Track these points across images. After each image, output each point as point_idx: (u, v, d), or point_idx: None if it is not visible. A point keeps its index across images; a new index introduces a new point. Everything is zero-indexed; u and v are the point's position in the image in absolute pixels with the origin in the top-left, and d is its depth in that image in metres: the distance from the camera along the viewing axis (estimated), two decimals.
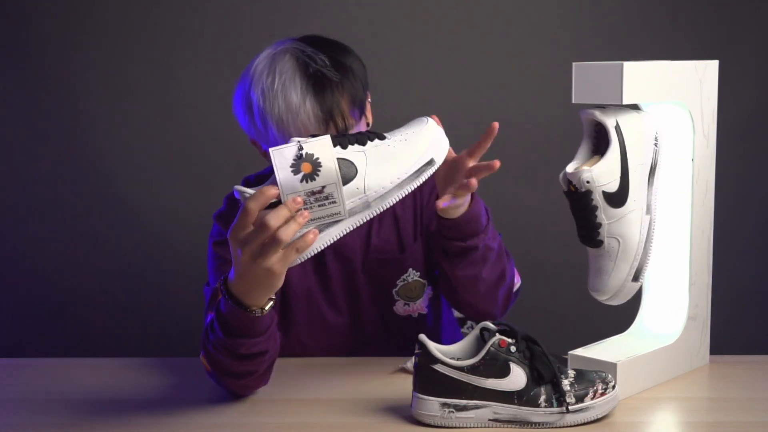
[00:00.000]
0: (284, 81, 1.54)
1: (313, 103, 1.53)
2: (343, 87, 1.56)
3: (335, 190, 1.23)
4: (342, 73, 1.57)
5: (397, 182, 1.26)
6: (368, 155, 1.25)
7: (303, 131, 1.53)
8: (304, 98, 1.53)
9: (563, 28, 2.72)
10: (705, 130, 1.54)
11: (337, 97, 1.55)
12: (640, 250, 1.41)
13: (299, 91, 1.53)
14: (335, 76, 1.56)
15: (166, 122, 2.75)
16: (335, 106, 1.54)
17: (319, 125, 1.54)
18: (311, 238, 1.23)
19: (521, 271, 2.16)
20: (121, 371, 1.62)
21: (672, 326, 1.57)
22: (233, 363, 1.40)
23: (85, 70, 2.72)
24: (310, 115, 1.53)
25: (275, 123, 1.54)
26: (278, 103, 1.53)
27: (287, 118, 1.53)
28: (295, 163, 1.21)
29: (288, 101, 1.53)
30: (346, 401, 1.45)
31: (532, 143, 2.75)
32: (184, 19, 2.71)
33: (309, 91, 1.53)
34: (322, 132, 1.53)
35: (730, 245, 2.49)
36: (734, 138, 2.67)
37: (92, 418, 1.40)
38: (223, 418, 1.39)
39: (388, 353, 1.70)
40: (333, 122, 1.54)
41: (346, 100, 1.56)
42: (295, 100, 1.53)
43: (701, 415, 1.41)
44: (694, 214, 1.54)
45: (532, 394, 1.32)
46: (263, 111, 1.55)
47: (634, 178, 1.40)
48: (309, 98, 1.53)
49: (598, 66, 1.39)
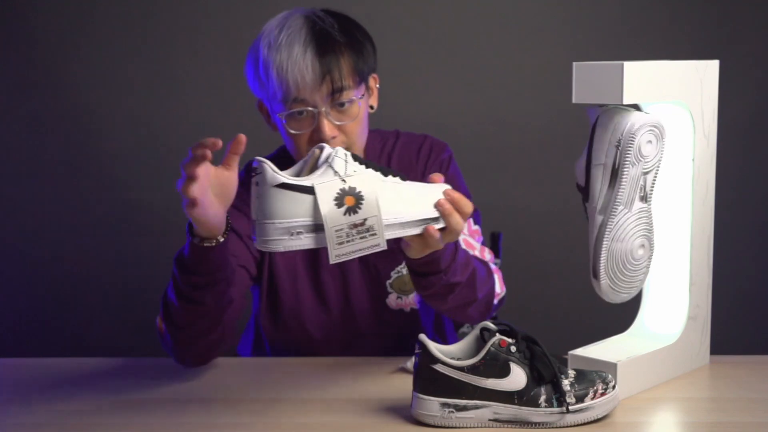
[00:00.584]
0: (290, 33, 1.59)
1: (313, 56, 1.57)
2: (345, 49, 1.60)
3: (376, 223, 1.27)
4: (347, 38, 1.62)
5: (400, 221, 1.31)
6: (385, 186, 1.30)
7: (300, 82, 1.57)
8: (305, 49, 1.57)
9: (563, 28, 2.72)
10: (705, 130, 1.54)
11: (338, 56, 1.59)
12: (591, 248, 1.42)
13: (302, 43, 1.57)
14: (340, 37, 1.60)
15: (167, 122, 2.75)
16: (334, 64, 1.58)
17: (316, 78, 1.56)
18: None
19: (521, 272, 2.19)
20: (121, 371, 1.62)
21: (672, 326, 1.57)
22: (184, 306, 1.48)
23: (86, 70, 2.72)
24: (308, 67, 1.56)
25: (276, 71, 1.58)
26: (282, 52, 1.57)
27: (287, 67, 1.56)
28: (339, 196, 1.26)
29: (290, 50, 1.57)
30: (346, 401, 1.45)
31: (532, 143, 2.76)
32: (185, 19, 2.71)
33: (311, 44, 1.58)
34: (317, 90, 1.57)
35: (730, 245, 2.49)
36: (734, 138, 2.67)
37: (92, 418, 1.40)
38: (223, 418, 1.39)
39: (382, 348, 1.71)
40: (330, 78, 1.57)
41: (346, 62, 1.59)
42: (296, 50, 1.57)
43: (701, 415, 1.41)
44: (694, 214, 1.54)
45: (532, 394, 1.32)
46: (267, 60, 1.59)
47: (593, 177, 1.42)
48: (310, 50, 1.57)
49: (598, 66, 1.39)
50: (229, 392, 1.51)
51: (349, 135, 1.63)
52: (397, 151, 1.77)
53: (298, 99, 1.58)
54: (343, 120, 1.61)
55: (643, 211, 1.42)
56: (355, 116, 1.62)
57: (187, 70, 2.73)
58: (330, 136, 1.59)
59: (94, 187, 2.78)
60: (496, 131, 2.74)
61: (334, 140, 1.60)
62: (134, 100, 2.74)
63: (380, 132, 1.80)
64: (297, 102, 1.58)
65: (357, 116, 1.62)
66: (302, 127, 1.61)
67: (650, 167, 1.41)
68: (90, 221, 2.79)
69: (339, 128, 1.61)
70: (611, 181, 1.40)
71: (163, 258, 2.80)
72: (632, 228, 1.42)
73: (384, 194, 1.29)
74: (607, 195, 1.41)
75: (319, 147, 1.30)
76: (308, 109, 1.59)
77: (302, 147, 1.62)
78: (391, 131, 1.82)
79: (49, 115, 2.74)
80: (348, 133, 1.62)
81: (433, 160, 1.76)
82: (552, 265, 2.78)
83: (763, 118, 2.77)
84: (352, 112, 1.62)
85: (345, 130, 1.62)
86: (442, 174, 1.48)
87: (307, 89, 1.57)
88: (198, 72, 2.72)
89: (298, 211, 1.26)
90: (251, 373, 1.61)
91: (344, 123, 1.61)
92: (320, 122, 1.59)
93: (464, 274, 1.54)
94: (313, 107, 1.58)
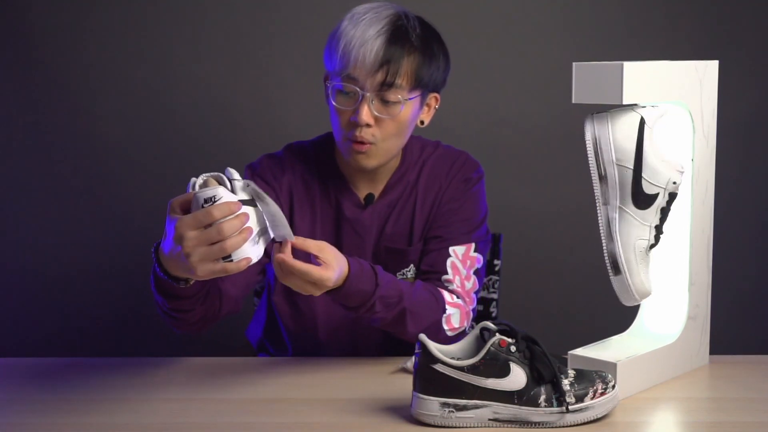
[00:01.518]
0: (374, 17, 1.62)
1: (382, 43, 1.59)
2: (414, 51, 1.63)
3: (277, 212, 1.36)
4: (422, 44, 1.64)
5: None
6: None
7: (359, 61, 1.59)
8: (378, 35, 1.60)
9: (563, 28, 2.72)
10: (705, 130, 1.54)
11: (404, 53, 1.61)
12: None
13: (379, 29, 1.61)
14: (415, 40, 1.63)
15: (167, 122, 2.75)
16: (397, 58, 1.61)
17: (375, 63, 1.59)
18: (244, 264, 1.31)
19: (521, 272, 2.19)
20: (121, 371, 1.62)
21: (672, 326, 1.57)
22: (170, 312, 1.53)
23: (86, 70, 2.72)
24: (373, 50, 1.59)
25: (344, 42, 1.61)
26: (358, 28, 1.61)
27: (356, 42, 1.59)
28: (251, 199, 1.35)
29: (366, 30, 1.60)
30: (346, 401, 1.45)
31: (532, 143, 2.75)
32: (185, 19, 2.71)
33: (386, 33, 1.61)
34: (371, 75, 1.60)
35: (730, 245, 2.49)
36: (734, 138, 2.67)
37: (92, 418, 1.40)
38: (223, 418, 1.39)
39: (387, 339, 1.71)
40: (387, 69, 1.60)
41: (410, 63, 1.62)
42: (371, 32, 1.60)
43: (701, 415, 1.41)
44: (694, 214, 1.54)
45: (532, 393, 1.32)
46: (343, 30, 1.62)
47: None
48: (382, 37, 1.60)
49: (598, 66, 1.39)
50: (230, 392, 1.51)
51: (383, 131, 1.64)
52: (431, 162, 1.77)
53: (351, 76, 1.61)
54: (383, 114, 1.62)
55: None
56: (396, 116, 1.63)
57: (187, 69, 2.72)
58: (364, 122, 1.61)
59: (94, 186, 2.77)
60: (496, 131, 2.74)
61: (368, 130, 1.62)
62: (134, 100, 2.74)
63: (422, 139, 1.81)
64: (350, 79, 1.61)
65: (398, 118, 1.63)
66: (346, 105, 1.63)
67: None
68: (90, 221, 2.79)
69: (376, 121, 1.62)
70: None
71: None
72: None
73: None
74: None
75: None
76: (356, 89, 1.61)
77: (340, 125, 1.65)
78: (433, 141, 1.82)
79: (48, 115, 2.74)
80: (383, 129, 1.64)
81: (459, 177, 1.76)
82: (552, 265, 2.78)
83: (762, 118, 2.77)
84: (394, 112, 1.63)
85: (381, 126, 1.63)
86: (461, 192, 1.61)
87: (363, 70, 1.59)
88: (198, 72, 2.72)
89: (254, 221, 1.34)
90: (251, 373, 1.61)
91: (384, 117, 1.62)
92: (361, 105, 1.61)
93: (389, 312, 1.57)
94: (361, 89, 1.60)
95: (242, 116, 2.74)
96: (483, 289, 2.02)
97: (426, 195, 1.75)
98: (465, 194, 1.76)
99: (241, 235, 1.29)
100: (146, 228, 2.80)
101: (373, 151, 1.65)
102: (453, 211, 1.74)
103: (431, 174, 1.76)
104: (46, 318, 2.82)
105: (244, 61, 2.73)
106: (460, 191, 1.75)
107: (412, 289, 1.61)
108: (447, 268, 1.71)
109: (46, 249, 2.80)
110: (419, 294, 1.62)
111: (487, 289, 2.04)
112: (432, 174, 1.76)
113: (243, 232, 1.30)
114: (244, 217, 1.30)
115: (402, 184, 1.75)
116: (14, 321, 2.82)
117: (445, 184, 1.76)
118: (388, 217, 1.74)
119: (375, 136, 1.63)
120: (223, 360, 1.68)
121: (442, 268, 1.71)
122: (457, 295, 1.70)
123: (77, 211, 2.79)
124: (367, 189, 1.75)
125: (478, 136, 2.70)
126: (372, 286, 1.53)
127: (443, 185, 1.76)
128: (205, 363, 1.67)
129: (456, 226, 1.73)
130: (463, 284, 1.71)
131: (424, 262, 1.73)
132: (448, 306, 1.67)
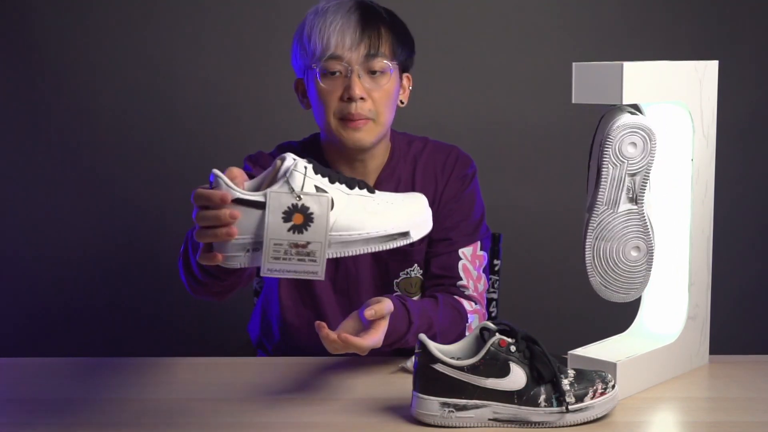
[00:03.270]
0: (339, 4, 1.66)
1: (357, 20, 1.64)
2: (387, 27, 1.67)
3: (319, 249, 1.21)
4: (392, 22, 1.69)
5: (365, 236, 1.25)
6: (350, 200, 1.24)
7: (339, 40, 1.62)
8: (350, 15, 1.64)
9: (563, 28, 2.72)
10: (705, 130, 1.54)
11: (379, 27, 1.66)
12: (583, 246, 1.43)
13: (348, 9, 1.65)
14: (386, 16, 1.68)
15: (168, 121, 2.75)
16: (374, 30, 1.65)
17: (355, 38, 1.63)
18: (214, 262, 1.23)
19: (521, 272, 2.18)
20: (121, 371, 1.62)
21: (672, 326, 1.57)
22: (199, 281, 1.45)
23: (86, 70, 2.72)
24: (350, 27, 1.63)
25: (319, 29, 1.64)
26: (327, 16, 1.64)
27: (330, 26, 1.63)
28: (288, 211, 1.21)
29: (336, 14, 1.64)
30: (346, 401, 1.45)
31: (532, 143, 2.76)
32: (186, 19, 2.71)
33: (357, 12, 1.65)
34: (354, 49, 1.62)
35: (730, 245, 2.49)
36: (734, 138, 2.67)
37: (92, 418, 1.40)
38: (223, 418, 1.39)
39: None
40: (369, 41, 1.64)
41: (386, 36, 1.67)
42: (341, 14, 1.64)
43: (701, 415, 1.41)
44: (694, 214, 1.54)
45: (532, 393, 1.32)
46: (312, 23, 1.66)
47: (589, 176, 1.44)
48: (355, 16, 1.64)
49: (598, 66, 1.39)
50: (230, 392, 1.51)
51: (377, 104, 1.66)
52: (423, 158, 1.78)
53: (334, 55, 1.63)
54: (373, 86, 1.65)
55: (632, 213, 1.42)
56: (385, 86, 1.66)
57: (187, 69, 2.73)
58: (359, 96, 1.63)
59: (94, 186, 2.77)
60: (496, 131, 2.74)
61: (363, 104, 1.63)
62: (135, 100, 2.74)
63: (407, 135, 1.82)
64: (333, 59, 1.63)
65: (387, 88, 1.66)
66: (335, 85, 1.65)
67: (637, 170, 1.41)
68: (90, 221, 2.79)
69: (368, 93, 1.65)
70: (596, 181, 1.42)
71: (163, 258, 2.81)
72: (620, 228, 1.42)
73: (347, 208, 1.24)
74: (593, 194, 1.42)
75: (281, 158, 1.24)
76: (343, 64, 1.63)
77: (332, 106, 1.65)
78: (420, 137, 1.83)
79: (49, 114, 2.74)
80: (376, 101, 1.66)
81: (456, 174, 1.77)
82: (552, 265, 2.78)
83: (762, 118, 2.77)
84: (383, 82, 1.66)
85: (373, 98, 1.65)
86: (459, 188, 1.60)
87: (345, 47, 1.62)
88: (199, 72, 2.72)
89: (251, 227, 1.21)
90: (252, 373, 1.61)
91: (374, 89, 1.65)
92: (352, 80, 1.63)
93: (428, 329, 1.60)
94: (347, 65, 1.63)
95: (242, 116, 2.74)
96: None
97: (423, 192, 1.74)
98: (463, 192, 1.76)
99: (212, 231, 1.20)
100: (147, 228, 2.80)
101: (370, 126, 1.66)
102: (455, 210, 1.75)
103: (426, 170, 1.77)
104: (46, 318, 2.83)
105: (244, 61, 2.73)
106: (459, 190, 1.76)
107: (438, 313, 1.63)
108: (460, 272, 1.73)
109: (46, 249, 2.80)
110: (445, 314, 1.65)
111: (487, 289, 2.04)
112: (427, 170, 1.77)
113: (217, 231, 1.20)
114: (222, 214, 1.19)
115: (394, 179, 1.75)
116: (14, 321, 2.82)
117: (443, 182, 1.76)
118: None
119: (371, 111, 1.65)
120: (223, 360, 1.68)
121: (456, 273, 1.73)
122: (474, 301, 1.73)
123: (77, 211, 2.79)
124: None
125: (478, 136, 2.70)
126: (406, 325, 1.56)
127: (440, 182, 1.76)
128: (205, 363, 1.67)
129: (461, 227, 1.74)
130: (476, 287, 1.74)
131: (435, 265, 1.74)
132: (470, 314, 1.70)
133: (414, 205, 1.30)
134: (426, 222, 1.31)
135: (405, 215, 1.28)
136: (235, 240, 1.21)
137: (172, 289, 2.80)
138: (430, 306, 1.64)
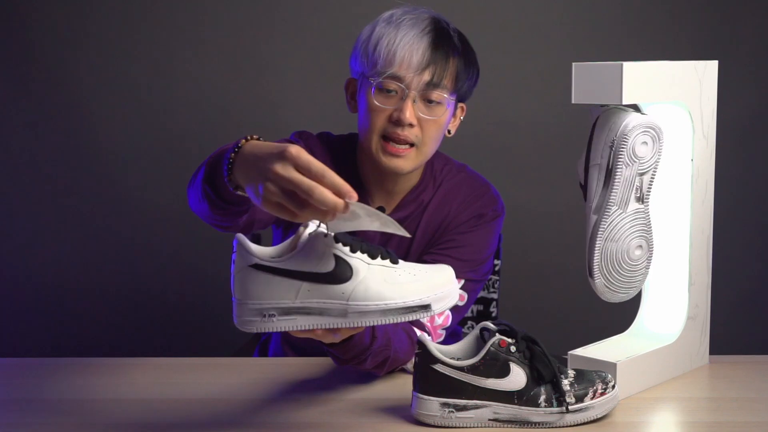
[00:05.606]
0: (414, 19, 1.61)
1: (428, 43, 1.58)
2: (457, 56, 1.62)
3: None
4: (463, 49, 1.64)
5: (384, 307, 1.22)
6: (371, 270, 1.22)
7: (405, 59, 1.57)
8: (423, 36, 1.59)
9: (563, 28, 2.72)
10: (705, 131, 1.54)
11: (449, 56, 1.61)
12: (586, 247, 1.43)
13: (423, 29, 1.59)
14: (458, 44, 1.63)
15: (167, 121, 2.75)
16: (443, 60, 1.60)
17: (421, 62, 1.57)
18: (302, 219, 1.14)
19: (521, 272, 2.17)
20: (122, 371, 1.62)
21: (672, 326, 1.57)
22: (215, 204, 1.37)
23: (86, 70, 2.72)
24: (420, 50, 1.57)
25: (387, 42, 1.58)
26: (400, 29, 1.59)
27: (400, 42, 1.57)
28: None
29: (409, 30, 1.59)
30: (346, 401, 1.45)
31: (532, 143, 2.76)
32: (185, 19, 2.71)
33: (430, 34, 1.60)
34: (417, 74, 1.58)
35: (730, 245, 2.49)
36: (734, 138, 2.67)
37: (92, 418, 1.40)
38: (223, 418, 1.40)
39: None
40: (434, 69, 1.59)
41: (453, 66, 1.62)
42: (414, 32, 1.59)
43: (701, 415, 1.41)
44: (693, 214, 1.54)
45: (532, 394, 1.32)
46: (381, 31, 1.60)
47: (590, 177, 1.42)
48: (427, 38, 1.59)
49: (598, 66, 1.39)
50: (229, 392, 1.51)
51: (425, 132, 1.61)
52: (450, 184, 1.72)
53: (395, 75, 1.58)
54: (426, 115, 1.60)
55: (639, 212, 1.42)
56: (438, 117, 1.61)
57: (188, 69, 2.73)
58: (408, 121, 1.58)
59: (94, 186, 2.78)
60: (496, 131, 2.74)
61: (411, 130, 1.59)
62: (135, 100, 2.74)
63: (448, 159, 1.77)
64: (392, 77, 1.58)
65: (439, 120, 1.61)
66: (388, 104, 1.60)
67: (646, 168, 1.41)
68: (90, 221, 2.79)
69: (419, 121, 1.60)
70: (606, 182, 1.41)
71: (163, 258, 2.81)
72: (627, 228, 1.42)
73: (366, 279, 1.20)
74: (601, 195, 1.42)
75: (304, 225, 1.22)
76: (401, 86, 1.58)
77: (378, 124, 1.60)
78: (459, 164, 1.77)
79: (49, 115, 2.74)
80: (425, 130, 1.61)
81: (473, 209, 1.71)
82: (552, 265, 2.78)
83: (762, 119, 2.77)
84: (437, 113, 1.61)
85: (423, 126, 1.61)
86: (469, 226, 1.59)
87: (410, 69, 1.58)
88: (199, 71, 2.72)
89: (271, 293, 1.20)
90: (251, 373, 1.61)
91: (426, 118, 1.60)
92: (405, 104, 1.58)
93: (374, 360, 1.47)
94: (405, 88, 1.58)
95: (242, 116, 2.74)
96: (483, 289, 2.02)
97: (433, 217, 1.71)
98: (473, 229, 1.70)
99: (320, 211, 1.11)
100: (147, 228, 2.80)
101: (412, 154, 1.62)
102: (454, 240, 1.68)
103: (445, 198, 1.71)
104: (46, 318, 2.83)
105: (244, 61, 2.73)
106: (469, 225, 1.70)
107: (396, 336, 1.52)
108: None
109: (46, 249, 2.80)
110: (401, 342, 1.53)
111: (487, 289, 2.04)
112: (445, 198, 1.71)
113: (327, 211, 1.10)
114: (340, 205, 1.12)
115: (415, 203, 1.71)
116: (14, 321, 2.82)
117: (454, 213, 1.70)
118: (392, 235, 1.68)
119: (418, 137, 1.60)
120: (223, 360, 1.68)
121: None
122: (427, 331, 1.63)
123: (77, 211, 2.79)
124: (381, 201, 1.70)
125: (478, 136, 2.70)
126: (369, 339, 1.44)
127: (452, 213, 1.70)
128: (205, 363, 1.67)
129: (450, 261, 1.64)
130: (432, 319, 1.64)
131: None
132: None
133: (438, 278, 1.26)
134: (450, 295, 1.26)
135: (427, 287, 1.24)
136: (252, 304, 1.20)
137: (172, 289, 2.80)
138: (390, 327, 1.51)
